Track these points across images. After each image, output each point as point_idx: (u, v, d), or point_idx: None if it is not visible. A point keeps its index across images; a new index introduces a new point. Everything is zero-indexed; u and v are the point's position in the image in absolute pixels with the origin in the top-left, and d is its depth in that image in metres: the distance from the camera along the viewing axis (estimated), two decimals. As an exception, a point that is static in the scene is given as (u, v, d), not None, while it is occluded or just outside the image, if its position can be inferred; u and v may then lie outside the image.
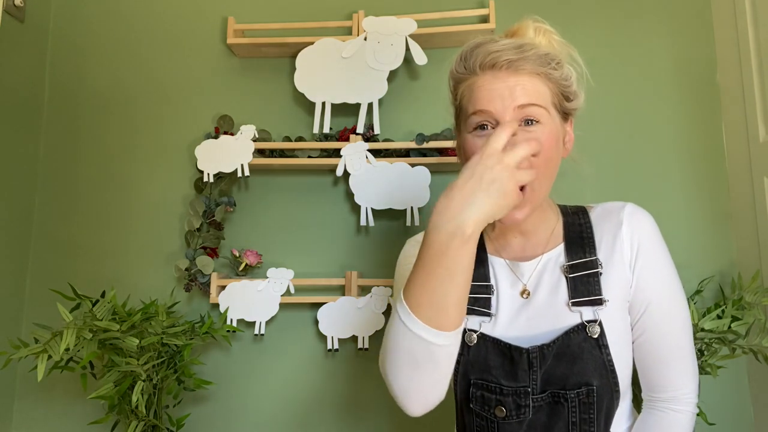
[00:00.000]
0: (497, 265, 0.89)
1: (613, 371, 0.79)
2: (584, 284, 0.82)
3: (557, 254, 0.86)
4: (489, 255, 0.89)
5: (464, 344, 0.84)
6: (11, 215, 1.62)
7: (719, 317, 1.28)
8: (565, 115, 0.85)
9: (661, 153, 1.59)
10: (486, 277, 0.87)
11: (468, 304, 0.78)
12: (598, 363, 0.79)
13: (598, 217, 0.88)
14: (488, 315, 0.85)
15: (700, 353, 1.31)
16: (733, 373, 1.48)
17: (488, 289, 0.86)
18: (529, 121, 0.79)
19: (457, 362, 0.84)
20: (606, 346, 0.79)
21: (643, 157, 1.59)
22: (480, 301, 0.85)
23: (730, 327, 1.26)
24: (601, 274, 0.83)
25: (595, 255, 0.84)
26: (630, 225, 0.85)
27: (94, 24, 1.76)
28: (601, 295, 0.81)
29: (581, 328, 0.80)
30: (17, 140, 1.64)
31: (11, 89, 1.62)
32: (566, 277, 0.84)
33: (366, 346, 1.52)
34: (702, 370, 1.29)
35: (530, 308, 0.84)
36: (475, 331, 0.84)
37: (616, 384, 0.80)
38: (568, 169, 1.63)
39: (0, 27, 1.53)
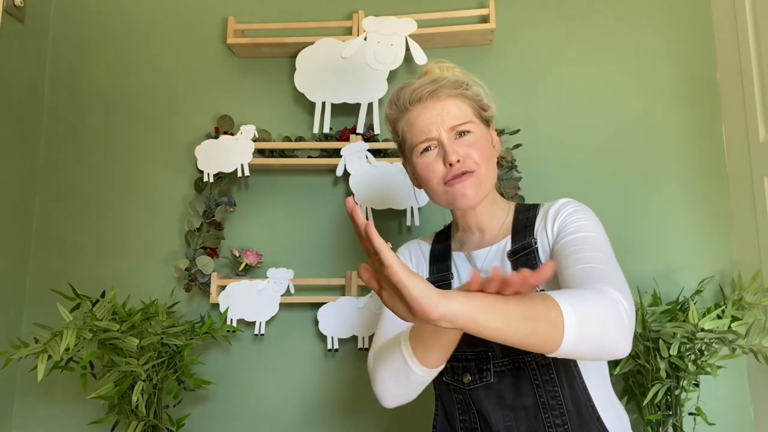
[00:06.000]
0: (458, 259, 1.05)
1: None
2: (523, 262, 0.95)
3: (504, 244, 1.00)
4: (452, 252, 1.06)
5: None
6: (11, 215, 1.62)
7: (719, 317, 1.28)
8: (486, 122, 1.02)
9: (661, 153, 1.59)
10: (448, 268, 1.04)
11: None
12: None
13: (543, 208, 1.01)
14: None
15: (700, 353, 1.31)
16: (733, 373, 1.48)
17: (448, 276, 1.03)
18: (461, 133, 0.96)
19: None
20: None
21: (643, 157, 1.59)
22: (442, 287, 1.00)
23: (730, 327, 1.26)
24: (536, 249, 0.95)
25: (532, 237, 0.97)
26: (560, 203, 0.97)
27: (94, 24, 1.76)
28: (537, 265, 0.92)
29: None
30: (17, 140, 1.64)
31: (11, 89, 1.62)
32: (510, 261, 0.97)
33: (366, 345, 1.52)
34: (702, 370, 1.29)
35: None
36: None
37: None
38: (568, 169, 1.64)
39: (0, 27, 1.53)
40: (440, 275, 1.04)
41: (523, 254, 0.95)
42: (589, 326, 0.71)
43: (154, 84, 1.72)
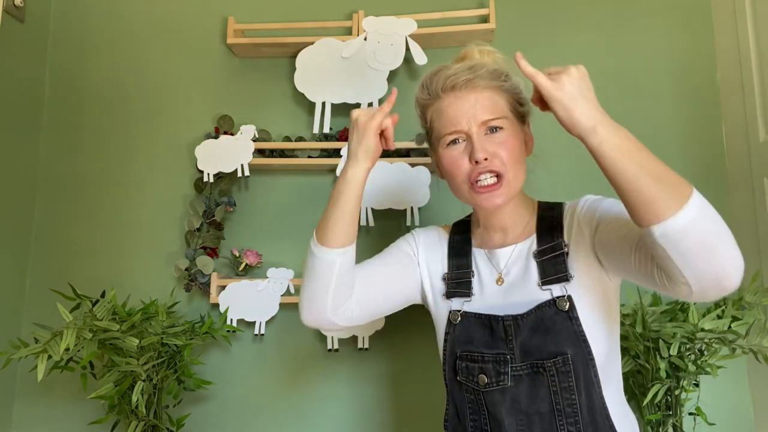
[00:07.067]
0: (478, 256, 1.01)
1: (585, 341, 0.86)
2: (552, 265, 0.91)
3: (530, 243, 0.96)
4: (473, 248, 1.02)
5: (450, 323, 0.96)
6: (11, 215, 1.62)
7: (719, 317, 1.28)
8: (522, 118, 0.97)
9: (661, 153, 1.55)
10: (468, 265, 1.00)
11: (451, 288, 0.99)
12: (570, 333, 0.86)
13: (568, 208, 0.97)
14: (468, 295, 0.97)
15: (700, 353, 1.31)
16: (733, 373, 1.48)
17: (469, 274, 0.99)
18: (493, 129, 0.91)
19: (445, 341, 0.97)
20: (576, 318, 0.87)
21: (643, 157, 1.58)
22: (462, 284, 0.98)
23: (730, 327, 1.25)
24: (566, 253, 0.91)
25: (561, 238, 0.93)
26: (590, 200, 0.93)
27: (94, 24, 1.76)
28: (567, 272, 0.90)
29: (551, 303, 0.88)
30: (17, 140, 1.64)
31: (11, 89, 1.62)
32: (536, 261, 0.93)
33: (366, 346, 1.52)
34: (702, 370, 1.29)
35: (505, 292, 0.95)
36: (459, 311, 0.96)
37: (590, 353, 0.86)
38: (568, 169, 1.63)
39: (0, 27, 1.53)
40: (460, 272, 1.00)
41: (552, 255, 0.92)
42: (710, 221, 0.71)
43: (154, 84, 1.72)
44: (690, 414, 1.38)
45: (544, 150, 1.04)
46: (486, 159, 0.88)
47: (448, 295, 0.99)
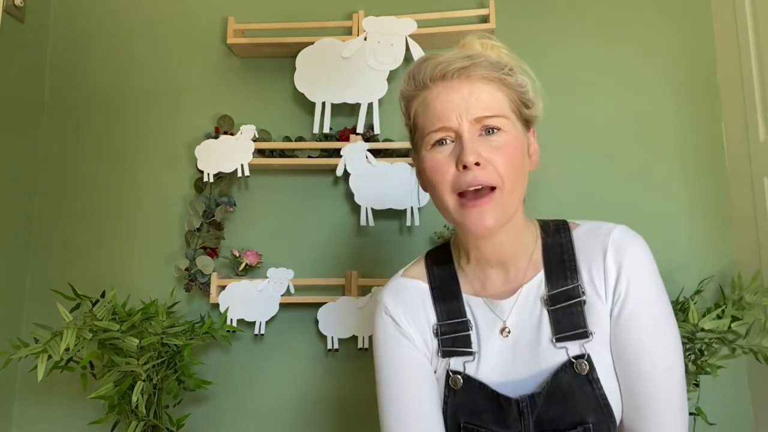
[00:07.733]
0: (474, 304, 0.83)
1: (608, 405, 0.74)
2: (567, 316, 0.77)
3: (537, 283, 0.80)
4: (464, 294, 0.84)
5: (449, 388, 0.80)
6: (11, 215, 1.62)
7: (719, 317, 1.28)
8: (527, 123, 0.80)
9: (661, 153, 1.59)
10: (462, 313, 0.82)
11: (447, 346, 0.81)
12: (591, 399, 0.74)
13: (581, 237, 0.81)
14: (470, 354, 0.80)
15: (700, 353, 1.31)
16: (733, 373, 1.48)
17: (466, 325, 0.81)
18: (490, 130, 0.74)
19: (445, 404, 0.81)
20: (597, 380, 0.74)
21: (643, 157, 1.59)
22: (459, 340, 0.81)
23: (730, 327, 1.25)
24: (584, 302, 0.77)
25: (578, 281, 0.78)
26: (614, 254, 0.77)
27: (94, 24, 1.76)
28: (586, 327, 0.76)
29: (569, 365, 0.75)
30: (17, 140, 1.64)
31: (11, 89, 1.62)
32: (548, 311, 0.78)
33: (366, 346, 1.52)
34: (702, 370, 1.29)
35: (513, 348, 0.79)
36: (460, 373, 0.80)
37: (612, 417, 0.75)
38: (567, 170, 1.63)
39: (0, 27, 1.53)
40: (453, 322, 0.82)
41: (567, 305, 0.77)
42: None
43: (154, 84, 1.72)
44: (690, 414, 1.38)
45: (545, 165, 0.87)
46: (477, 164, 0.71)
47: (444, 354, 0.81)
